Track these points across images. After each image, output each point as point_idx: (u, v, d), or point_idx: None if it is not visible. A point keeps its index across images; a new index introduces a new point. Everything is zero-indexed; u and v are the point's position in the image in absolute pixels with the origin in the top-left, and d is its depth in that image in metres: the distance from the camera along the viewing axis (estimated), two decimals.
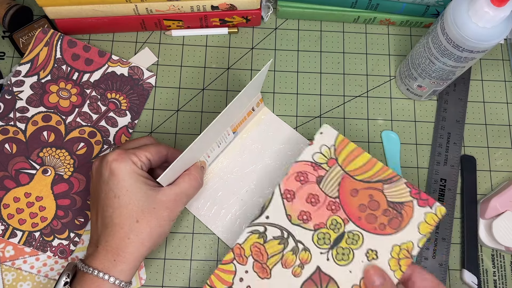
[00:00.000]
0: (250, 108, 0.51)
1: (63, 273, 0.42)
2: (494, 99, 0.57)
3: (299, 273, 0.43)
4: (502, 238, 0.49)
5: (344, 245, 0.43)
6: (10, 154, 0.51)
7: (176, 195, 0.43)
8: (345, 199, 0.45)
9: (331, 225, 0.44)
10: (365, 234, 0.44)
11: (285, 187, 0.45)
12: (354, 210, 0.44)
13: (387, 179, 0.45)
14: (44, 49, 0.54)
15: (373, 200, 0.44)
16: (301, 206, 0.45)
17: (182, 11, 0.54)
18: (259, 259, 0.44)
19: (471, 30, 0.42)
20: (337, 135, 0.46)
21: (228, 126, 0.49)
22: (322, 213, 0.44)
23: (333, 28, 0.59)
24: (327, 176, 0.45)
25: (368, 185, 0.45)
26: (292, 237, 0.44)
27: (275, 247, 0.44)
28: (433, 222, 0.44)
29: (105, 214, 0.41)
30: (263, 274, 0.43)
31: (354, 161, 0.45)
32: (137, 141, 0.46)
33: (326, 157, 0.46)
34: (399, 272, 0.42)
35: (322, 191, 0.45)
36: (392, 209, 0.44)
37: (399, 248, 0.43)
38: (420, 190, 0.45)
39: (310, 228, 0.44)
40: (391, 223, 0.44)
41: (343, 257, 0.43)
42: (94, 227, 0.43)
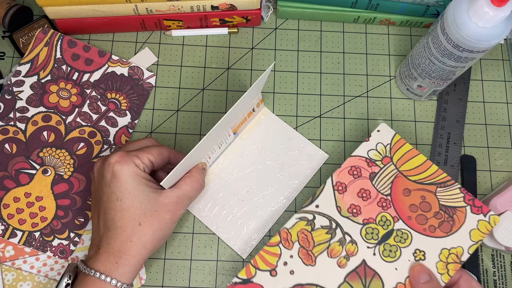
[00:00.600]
0: (250, 109, 0.51)
1: (64, 274, 0.42)
2: (494, 99, 0.57)
3: (344, 264, 0.43)
4: (502, 238, 0.49)
5: (392, 242, 0.44)
6: (10, 154, 0.51)
7: (178, 198, 0.43)
8: (396, 197, 0.45)
9: (381, 221, 0.44)
10: (414, 234, 0.44)
11: (337, 179, 0.46)
12: (405, 209, 0.45)
13: (441, 182, 0.45)
14: (44, 49, 0.54)
15: (425, 201, 0.45)
16: (352, 199, 0.45)
17: (182, 11, 0.54)
18: (305, 245, 0.44)
19: (471, 30, 0.42)
20: (394, 135, 0.47)
21: (229, 127, 0.49)
22: (373, 208, 0.45)
23: (333, 28, 0.59)
24: (380, 173, 0.46)
25: (421, 187, 0.45)
26: (340, 228, 0.44)
27: (322, 236, 0.44)
28: (486, 230, 0.44)
29: (107, 217, 0.41)
30: (308, 261, 0.43)
31: (409, 162, 0.46)
32: (138, 143, 0.46)
33: (381, 155, 0.46)
34: (446, 276, 0.42)
35: (374, 187, 0.45)
36: (444, 212, 0.44)
37: (448, 252, 0.43)
38: (474, 198, 0.45)
39: (359, 222, 0.44)
40: (442, 227, 0.44)
41: (390, 254, 0.44)
42: (96, 228, 0.43)
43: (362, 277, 0.43)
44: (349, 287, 0.43)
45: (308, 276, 0.43)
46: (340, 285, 0.43)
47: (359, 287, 0.43)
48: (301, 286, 0.43)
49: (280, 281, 0.43)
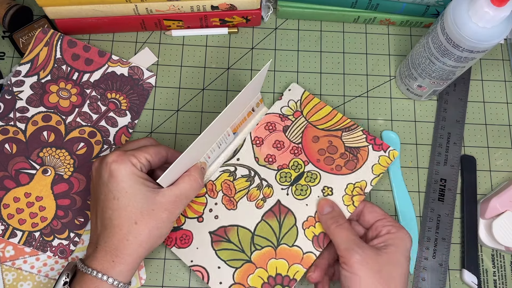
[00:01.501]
0: (250, 109, 0.51)
1: (62, 273, 0.42)
2: (494, 99, 0.57)
3: (262, 205, 0.49)
4: (502, 238, 0.49)
5: (303, 182, 0.50)
6: (10, 154, 0.51)
7: (176, 197, 0.43)
8: (307, 144, 0.51)
9: (293, 166, 0.51)
10: (322, 174, 0.50)
11: (255, 135, 0.52)
12: (314, 154, 0.51)
13: (346, 127, 0.52)
14: (44, 49, 0.54)
15: (332, 145, 0.51)
16: (268, 150, 0.51)
17: (182, 11, 0.54)
18: (228, 193, 0.50)
19: (471, 30, 0.42)
20: (303, 92, 0.53)
21: (228, 127, 0.49)
22: (286, 156, 0.51)
23: (333, 28, 0.59)
24: (292, 125, 0.52)
25: (328, 133, 0.51)
26: (258, 176, 0.50)
27: (242, 183, 0.50)
28: (386, 163, 0.50)
29: (104, 216, 0.42)
30: (230, 206, 0.49)
31: (317, 113, 0.52)
32: (137, 142, 0.46)
33: (293, 110, 0.53)
34: (352, 207, 0.48)
35: (287, 138, 0.52)
36: (349, 153, 0.51)
37: (353, 186, 0.49)
38: (375, 137, 0.51)
39: (274, 169, 0.51)
40: (347, 165, 0.50)
41: (301, 193, 0.49)
42: (94, 227, 0.43)
43: (277, 215, 0.49)
44: (266, 224, 0.49)
45: (230, 219, 0.49)
46: (258, 223, 0.49)
47: (275, 223, 0.49)
48: (224, 227, 0.49)
49: (206, 225, 0.49)
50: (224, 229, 0.48)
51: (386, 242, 0.43)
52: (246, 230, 0.48)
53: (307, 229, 0.48)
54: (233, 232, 0.48)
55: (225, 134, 0.49)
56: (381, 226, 0.45)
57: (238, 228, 0.48)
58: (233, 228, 0.48)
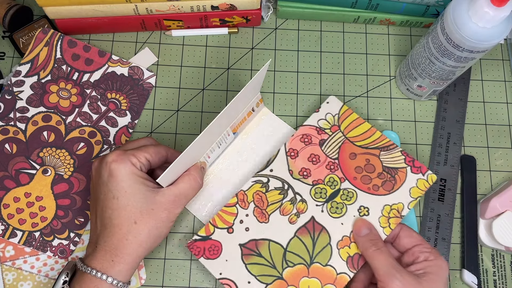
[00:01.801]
0: (250, 109, 0.51)
1: (62, 272, 0.42)
2: (494, 99, 0.57)
3: (295, 221, 0.48)
4: (502, 238, 0.49)
5: (339, 200, 0.48)
6: (10, 154, 0.51)
7: (175, 196, 0.43)
8: (343, 160, 0.50)
9: (328, 182, 0.49)
10: (359, 193, 0.49)
11: (290, 146, 0.50)
12: (350, 171, 0.49)
13: (385, 146, 0.50)
14: (44, 49, 0.54)
15: (369, 164, 0.49)
16: (302, 163, 0.50)
17: (182, 11, 0.54)
18: (260, 205, 0.48)
19: (471, 30, 0.42)
20: (342, 106, 0.52)
21: (228, 127, 0.49)
22: (321, 171, 0.49)
23: (333, 28, 0.59)
24: (329, 139, 0.51)
25: (366, 151, 0.50)
26: (291, 189, 0.49)
27: (275, 196, 0.49)
28: (424, 187, 0.49)
29: (104, 215, 0.42)
30: (262, 219, 0.48)
31: (355, 129, 0.51)
32: (137, 142, 0.46)
33: (330, 124, 0.51)
34: (388, 229, 0.47)
35: (323, 152, 0.50)
36: (386, 173, 0.49)
37: (390, 208, 0.48)
38: (414, 159, 0.50)
39: (309, 183, 0.49)
40: (384, 186, 0.49)
41: (337, 211, 0.48)
42: (94, 226, 0.43)
43: (311, 232, 0.47)
44: (299, 241, 0.47)
45: (261, 232, 0.47)
46: (290, 239, 0.47)
47: (308, 240, 0.47)
48: (255, 241, 0.47)
49: (236, 237, 0.47)
50: (255, 243, 0.47)
51: (425, 269, 0.43)
52: (278, 245, 0.47)
53: (341, 249, 0.46)
54: (265, 247, 0.47)
55: (225, 134, 0.49)
56: (418, 252, 0.44)
57: (270, 243, 0.47)
58: (265, 242, 0.47)
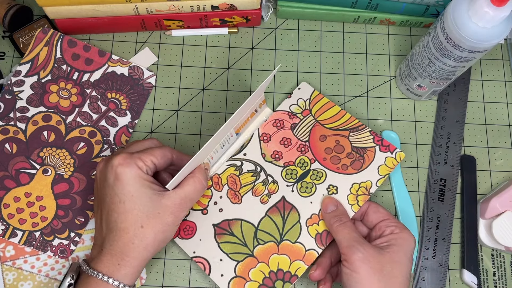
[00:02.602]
0: (253, 109, 0.51)
1: (67, 274, 0.42)
2: (494, 99, 0.57)
3: (266, 201, 0.50)
4: (502, 238, 0.49)
5: (308, 180, 0.50)
6: (10, 154, 0.51)
7: (181, 199, 0.43)
8: (314, 143, 0.51)
9: (299, 163, 0.51)
10: (328, 172, 0.50)
11: (263, 131, 0.52)
12: (320, 152, 0.51)
13: (354, 127, 0.52)
14: (44, 49, 0.54)
15: (339, 145, 0.51)
16: (275, 146, 0.52)
17: (182, 11, 0.54)
18: (233, 187, 0.50)
19: (471, 30, 0.42)
20: (313, 91, 0.54)
21: (231, 128, 0.49)
22: (293, 153, 0.51)
23: (333, 28, 0.59)
24: (300, 123, 0.52)
25: (336, 132, 0.52)
26: (264, 171, 0.51)
27: (248, 178, 0.50)
28: (392, 165, 0.50)
29: (110, 219, 0.41)
30: (235, 200, 0.50)
31: (326, 112, 0.53)
32: (141, 143, 0.46)
33: (301, 108, 0.53)
34: (356, 206, 0.48)
35: (294, 136, 0.52)
36: (355, 153, 0.51)
37: (358, 186, 0.49)
38: (383, 138, 0.51)
39: (280, 165, 0.51)
40: (353, 165, 0.50)
41: (306, 190, 0.50)
42: (99, 229, 0.43)
43: (281, 211, 0.49)
44: (270, 220, 0.49)
45: (234, 213, 0.49)
46: (262, 218, 0.49)
47: (279, 219, 0.49)
48: (228, 221, 0.49)
49: (210, 217, 0.49)
50: (228, 223, 0.49)
51: (389, 242, 0.43)
52: (249, 225, 0.49)
53: (310, 227, 0.48)
54: (237, 226, 0.49)
55: (228, 135, 0.49)
56: (385, 226, 0.45)
57: (242, 222, 0.49)
58: (237, 222, 0.49)
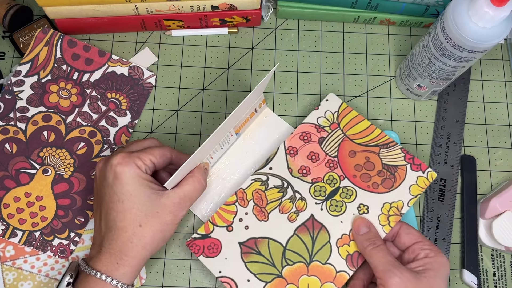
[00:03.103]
0: (253, 109, 0.51)
1: (66, 273, 0.42)
2: (494, 99, 0.57)
3: (294, 219, 0.48)
4: (502, 238, 0.49)
5: (338, 198, 0.48)
6: (10, 154, 0.51)
7: (180, 198, 0.43)
8: (343, 158, 0.50)
9: (328, 180, 0.49)
10: (358, 191, 0.48)
11: (289, 144, 0.50)
12: (350, 169, 0.49)
13: (384, 144, 0.50)
14: (44, 49, 0.54)
15: (369, 161, 0.49)
16: (302, 161, 0.49)
17: (182, 11, 0.54)
18: (259, 203, 0.48)
19: (471, 30, 0.42)
20: (341, 103, 0.52)
21: (231, 128, 0.49)
22: (321, 169, 0.49)
23: (333, 28, 0.59)
24: (328, 137, 0.50)
25: (365, 148, 0.50)
26: (291, 187, 0.49)
27: (274, 194, 0.49)
28: (424, 185, 0.48)
29: (109, 218, 0.42)
30: (261, 217, 0.48)
31: (355, 127, 0.51)
32: (141, 143, 0.46)
33: (329, 121, 0.51)
34: (387, 227, 0.47)
35: (322, 150, 0.50)
36: (386, 170, 0.49)
37: (390, 206, 0.48)
38: (414, 156, 0.49)
39: (308, 181, 0.49)
40: (384, 183, 0.49)
41: (336, 209, 0.48)
42: (98, 228, 0.43)
43: (310, 230, 0.47)
44: (298, 239, 0.47)
45: (261, 230, 0.47)
46: (290, 237, 0.47)
47: (307, 238, 0.47)
48: (255, 239, 0.47)
49: (236, 235, 0.47)
50: (255, 241, 0.47)
51: (424, 266, 0.42)
52: (277, 244, 0.47)
53: (341, 247, 0.47)
54: (264, 245, 0.47)
55: (228, 135, 0.49)
56: (419, 249, 0.44)
57: (269, 241, 0.47)
58: (264, 241, 0.47)
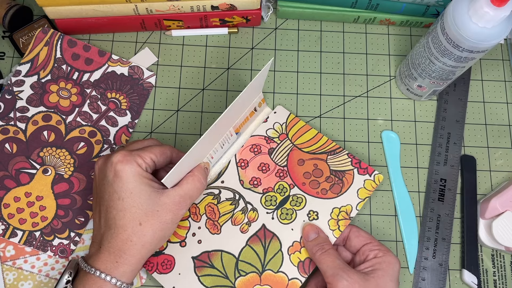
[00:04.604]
0: (252, 109, 0.51)
1: (65, 271, 0.42)
2: (494, 99, 0.57)
3: (246, 230, 0.48)
4: (502, 238, 0.49)
5: (289, 206, 0.49)
6: (11, 154, 0.51)
7: (180, 197, 0.43)
8: (292, 167, 0.51)
9: (278, 189, 0.50)
10: (308, 198, 0.49)
11: (240, 157, 0.51)
12: (299, 177, 0.50)
13: (331, 150, 0.51)
14: (44, 48, 0.54)
15: (317, 169, 0.50)
16: (253, 173, 0.50)
17: (182, 11, 0.54)
18: (212, 217, 0.49)
19: (471, 30, 0.42)
20: (289, 114, 0.53)
21: (230, 127, 0.49)
22: (271, 179, 0.50)
23: (333, 28, 0.59)
24: (277, 148, 0.51)
25: (314, 156, 0.51)
26: (242, 199, 0.50)
27: (227, 207, 0.49)
28: (371, 187, 0.50)
29: (109, 216, 0.41)
30: (214, 230, 0.48)
31: (303, 136, 0.52)
32: (141, 142, 0.46)
33: (278, 132, 0.52)
34: (337, 231, 0.48)
35: (272, 161, 0.51)
36: (334, 176, 0.50)
37: (339, 210, 0.49)
38: (360, 160, 0.51)
39: (259, 192, 0.50)
40: (332, 189, 0.50)
41: (287, 217, 0.49)
42: (97, 226, 0.43)
43: (262, 239, 0.48)
44: (250, 250, 0.48)
45: (214, 244, 0.48)
46: (242, 248, 0.48)
47: (260, 248, 0.48)
48: (208, 252, 0.47)
49: (189, 250, 0.48)
50: (208, 254, 0.47)
51: (373, 266, 0.43)
52: (230, 255, 0.47)
53: (292, 255, 0.47)
54: (217, 257, 0.47)
55: (228, 134, 0.49)
56: (368, 250, 0.45)
57: (222, 253, 0.47)
58: (217, 253, 0.47)
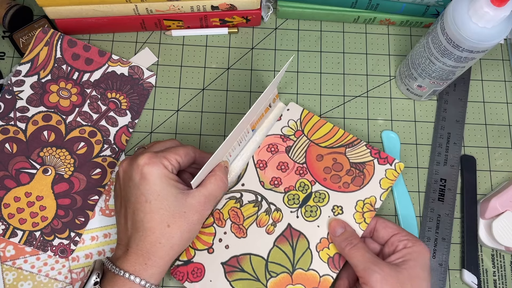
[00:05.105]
0: (267, 105, 0.51)
1: (92, 272, 0.41)
2: (494, 99, 0.57)
3: (272, 231, 0.48)
4: (502, 238, 0.49)
5: (312, 203, 0.49)
6: (11, 154, 0.51)
7: (205, 197, 0.43)
8: (311, 164, 0.50)
9: (300, 187, 0.49)
10: (330, 193, 0.49)
11: (258, 158, 0.51)
12: (320, 173, 0.50)
13: (349, 143, 0.51)
14: (44, 48, 0.54)
15: (337, 162, 0.50)
16: (272, 173, 0.50)
17: (182, 11, 0.54)
18: (236, 221, 0.49)
19: (471, 30, 0.42)
20: (302, 110, 0.52)
21: (248, 124, 0.49)
22: (292, 177, 0.50)
23: (333, 28, 0.59)
24: (294, 145, 0.51)
25: (332, 150, 0.51)
26: (265, 200, 0.49)
27: (250, 209, 0.49)
28: (393, 177, 0.49)
29: (136, 218, 0.41)
30: (240, 234, 0.48)
31: (319, 131, 0.51)
32: (163, 143, 0.46)
33: (293, 129, 0.52)
34: (364, 224, 0.47)
35: (290, 159, 0.50)
36: (354, 169, 0.50)
37: (363, 203, 0.48)
38: (380, 150, 0.50)
39: (281, 191, 0.49)
40: (354, 182, 0.49)
41: (311, 214, 0.48)
42: (123, 228, 0.43)
43: (289, 239, 0.48)
44: (279, 250, 0.47)
45: (241, 247, 0.48)
46: (270, 249, 0.47)
47: (288, 248, 0.47)
48: (237, 257, 0.47)
49: (218, 256, 0.47)
50: (237, 259, 0.47)
51: (404, 257, 0.43)
52: (259, 258, 0.47)
53: (321, 251, 0.47)
54: (246, 261, 0.47)
55: (245, 132, 0.49)
56: (397, 241, 0.44)
57: (251, 256, 0.47)
58: (246, 257, 0.47)
